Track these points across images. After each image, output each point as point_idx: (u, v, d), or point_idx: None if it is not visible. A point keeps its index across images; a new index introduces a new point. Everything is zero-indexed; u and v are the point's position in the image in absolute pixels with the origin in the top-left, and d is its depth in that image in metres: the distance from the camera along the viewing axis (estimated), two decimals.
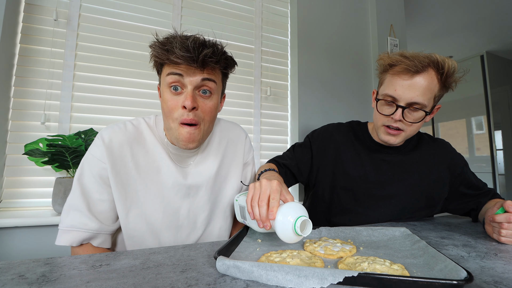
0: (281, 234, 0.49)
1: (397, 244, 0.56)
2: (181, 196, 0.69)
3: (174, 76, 0.59)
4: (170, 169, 0.68)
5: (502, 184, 3.31)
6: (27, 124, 1.15)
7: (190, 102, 0.58)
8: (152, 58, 0.62)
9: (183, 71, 0.59)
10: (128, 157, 0.64)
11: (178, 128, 0.61)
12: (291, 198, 0.54)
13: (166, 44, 0.57)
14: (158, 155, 0.68)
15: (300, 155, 0.95)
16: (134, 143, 0.66)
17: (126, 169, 0.64)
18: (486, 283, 0.40)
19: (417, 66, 0.72)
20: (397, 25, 2.03)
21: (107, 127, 0.67)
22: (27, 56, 1.16)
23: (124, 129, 0.66)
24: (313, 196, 0.95)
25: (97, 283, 0.38)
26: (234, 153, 0.79)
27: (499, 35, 3.19)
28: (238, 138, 0.81)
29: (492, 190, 0.86)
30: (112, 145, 0.63)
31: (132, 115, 1.32)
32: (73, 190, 0.62)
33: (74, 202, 0.61)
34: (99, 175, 0.62)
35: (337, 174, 0.90)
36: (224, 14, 1.58)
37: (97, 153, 0.62)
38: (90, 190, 0.62)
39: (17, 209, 1.11)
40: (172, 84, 0.60)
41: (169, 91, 0.61)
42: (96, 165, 0.62)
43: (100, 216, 0.62)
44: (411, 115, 0.76)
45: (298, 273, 0.37)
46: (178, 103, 0.60)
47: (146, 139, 0.68)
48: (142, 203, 0.65)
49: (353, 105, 1.84)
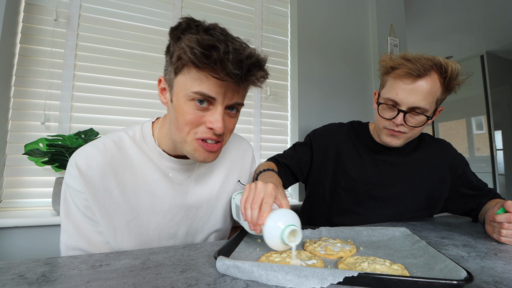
0: (268, 240, 0.47)
1: (397, 244, 0.56)
2: (178, 219, 0.62)
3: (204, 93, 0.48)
4: (166, 191, 0.60)
5: (502, 184, 3.31)
6: (27, 124, 1.15)
7: (221, 126, 0.50)
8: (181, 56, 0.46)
9: (219, 89, 0.48)
10: (113, 185, 0.55)
11: (194, 142, 0.52)
12: (286, 203, 0.51)
13: (212, 50, 0.44)
14: (150, 176, 0.58)
15: (301, 154, 0.95)
16: (118, 166, 0.56)
17: (111, 198, 0.54)
18: (486, 283, 0.40)
19: (420, 70, 0.70)
20: (397, 25, 2.03)
21: (80, 149, 0.55)
22: (27, 56, 1.16)
23: (104, 150, 0.55)
24: (314, 196, 0.95)
25: (97, 283, 0.38)
26: (240, 168, 0.73)
27: (499, 35, 3.19)
28: (245, 153, 0.75)
29: (492, 190, 0.86)
30: (90, 173, 0.53)
31: (132, 115, 1.32)
32: (65, 229, 0.54)
33: (71, 242, 0.53)
34: (84, 207, 0.53)
35: (338, 175, 0.90)
36: (224, 14, 1.58)
37: (73, 183, 0.52)
38: (83, 225, 0.54)
39: (17, 209, 1.11)
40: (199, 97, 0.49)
41: (192, 104, 0.49)
42: (77, 196, 0.53)
43: (104, 248, 0.55)
44: (413, 119, 0.76)
45: (298, 273, 0.37)
46: (202, 119, 0.51)
47: (133, 159, 0.58)
48: (135, 234, 0.58)
49: (353, 105, 1.84)
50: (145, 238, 0.59)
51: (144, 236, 0.59)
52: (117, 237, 0.55)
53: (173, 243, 0.63)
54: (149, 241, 0.59)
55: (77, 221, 0.54)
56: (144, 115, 1.34)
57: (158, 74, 1.38)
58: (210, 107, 0.51)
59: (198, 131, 0.52)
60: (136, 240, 0.58)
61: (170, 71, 0.52)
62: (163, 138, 0.60)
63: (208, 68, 0.46)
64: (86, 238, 0.54)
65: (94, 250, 0.54)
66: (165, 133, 0.60)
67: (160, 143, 0.61)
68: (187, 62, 0.46)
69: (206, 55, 0.44)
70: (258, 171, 0.80)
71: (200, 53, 0.44)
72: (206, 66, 0.45)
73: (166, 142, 0.60)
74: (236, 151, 0.73)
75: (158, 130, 0.61)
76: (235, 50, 0.45)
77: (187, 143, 0.53)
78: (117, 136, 0.59)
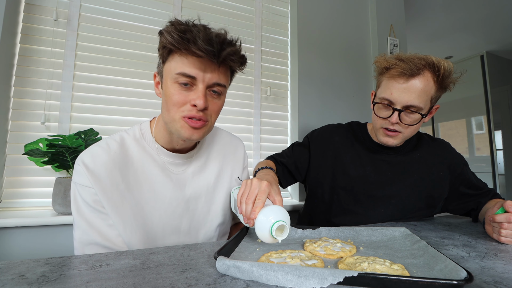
0: (258, 233, 0.51)
1: (397, 244, 0.56)
2: (180, 212, 0.66)
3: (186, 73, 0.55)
4: (165, 184, 0.64)
5: (502, 184, 3.31)
6: (27, 124, 1.15)
7: (203, 102, 0.55)
8: (164, 43, 0.55)
9: (198, 67, 0.55)
10: (118, 179, 0.59)
11: (181, 120, 0.57)
12: (279, 200, 0.55)
13: (186, 32, 0.52)
14: (150, 170, 0.63)
15: (299, 154, 0.96)
16: (121, 163, 0.60)
17: (118, 192, 0.59)
18: (486, 283, 0.40)
19: (413, 69, 0.72)
20: (397, 25, 2.03)
21: (85, 150, 0.60)
22: (27, 56, 1.16)
23: (108, 149, 0.60)
24: (313, 196, 0.95)
25: (97, 283, 0.38)
26: (233, 162, 0.78)
27: (499, 35, 3.19)
28: (236, 148, 0.80)
29: (492, 190, 0.86)
30: (97, 169, 0.57)
31: (132, 115, 1.32)
32: (78, 225, 0.57)
33: (85, 238, 0.56)
34: (93, 201, 0.57)
35: (337, 175, 0.90)
36: (224, 14, 1.58)
37: (81, 180, 0.57)
38: (94, 219, 0.57)
39: (17, 209, 1.11)
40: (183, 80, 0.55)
41: (176, 86, 0.56)
42: (86, 192, 0.57)
43: (116, 240, 0.58)
44: (408, 118, 0.77)
45: (298, 273, 0.37)
46: (187, 99, 0.56)
47: (134, 156, 0.63)
48: (142, 226, 0.61)
49: (353, 105, 1.84)
50: (150, 231, 0.62)
51: (149, 229, 0.62)
52: (126, 230, 0.59)
53: (177, 237, 0.66)
54: (154, 234, 0.62)
55: (88, 217, 0.57)
56: (144, 115, 1.34)
57: None
58: (193, 88, 0.57)
59: (184, 109, 0.57)
60: (143, 233, 0.61)
61: (160, 63, 0.60)
62: (159, 134, 0.65)
63: (185, 48, 0.53)
64: (99, 232, 0.57)
65: (108, 243, 0.57)
66: (160, 129, 0.65)
67: (157, 139, 0.66)
68: (167, 45, 0.54)
69: (181, 36, 0.52)
70: (256, 168, 0.82)
71: (177, 36, 0.52)
72: (182, 46, 0.53)
73: (162, 137, 0.65)
74: (229, 147, 0.78)
75: (155, 127, 0.66)
76: (205, 30, 0.53)
77: (175, 121, 0.58)
78: (118, 136, 0.64)
